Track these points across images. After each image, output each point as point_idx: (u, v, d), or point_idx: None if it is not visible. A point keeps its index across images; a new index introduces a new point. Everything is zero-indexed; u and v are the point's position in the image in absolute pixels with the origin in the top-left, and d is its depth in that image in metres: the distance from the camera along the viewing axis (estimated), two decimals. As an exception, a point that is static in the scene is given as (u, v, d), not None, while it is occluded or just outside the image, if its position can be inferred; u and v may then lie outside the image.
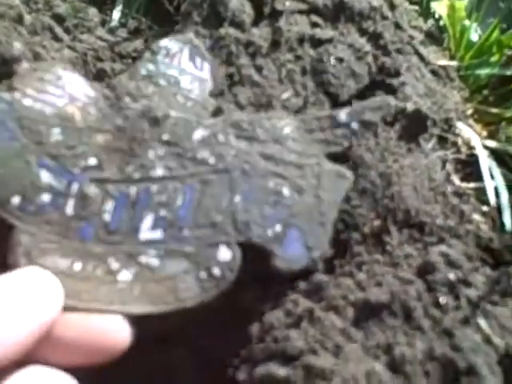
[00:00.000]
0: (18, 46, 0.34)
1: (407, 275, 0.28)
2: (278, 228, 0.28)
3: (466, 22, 0.39)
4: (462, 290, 0.28)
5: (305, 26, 0.33)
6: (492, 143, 0.35)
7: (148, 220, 0.28)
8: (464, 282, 0.28)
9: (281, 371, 0.26)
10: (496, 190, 0.33)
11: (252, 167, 0.29)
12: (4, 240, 0.28)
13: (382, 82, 0.33)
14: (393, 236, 0.29)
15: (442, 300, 0.27)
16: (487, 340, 0.27)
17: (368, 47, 0.33)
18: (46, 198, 0.28)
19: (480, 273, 0.30)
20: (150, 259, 0.28)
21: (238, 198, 0.29)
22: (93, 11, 0.48)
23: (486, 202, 0.33)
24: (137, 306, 0.27)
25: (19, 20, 0.36)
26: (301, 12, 0.33)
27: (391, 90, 0.32)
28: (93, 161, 0.29)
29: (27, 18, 0.36)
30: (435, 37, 0.39)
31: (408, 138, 0.31)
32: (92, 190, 0.29)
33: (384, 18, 0.34)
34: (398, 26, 0.35)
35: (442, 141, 0.34)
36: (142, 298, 0.27)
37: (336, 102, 0.32)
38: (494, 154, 0.35)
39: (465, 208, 0.31)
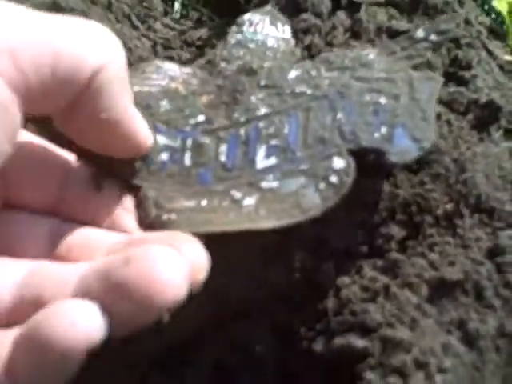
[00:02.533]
0: None
1: (478, 256, 0.29)
2: (384, 130, 0.29)
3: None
4: (530, 272, 0.29)
5: (382, 18, 0.35)
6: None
7: (261, 151, 0.30)
8: (532, 265, 0.30)
9: (359, 342, 0.28)
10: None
11: (347, 88, 0.31)
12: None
13: (454, 73, 0.34)
14: (464, 219, 0.30)
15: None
16: (555, 320, 0.28)
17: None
18: (164, 156, 0.30)
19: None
20: (270, 183, 0.29)
21: (340, 115, 0.30)
22: (156, 0, 0.49)
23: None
24: (265, 222, 0.28)
25: (109, 7, 0.38)
26: (378, 4, 0.35)
27: (463, 82, 0.34)
28: (201, 117, 0.32)
29: (115, 5, 0.38)
30: (498, 33, 0.40)
31: (479, 128, 0.32)
32: (205, 139, 0.31)
33: (455, 12, 0.36)
34: (467, 21, 0.36)
35: (508, 132, 0.35)
36: (268, 216, 0.28)
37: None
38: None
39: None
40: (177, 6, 0.50)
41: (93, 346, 0.22)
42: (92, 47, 0.25)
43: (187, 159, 0.31)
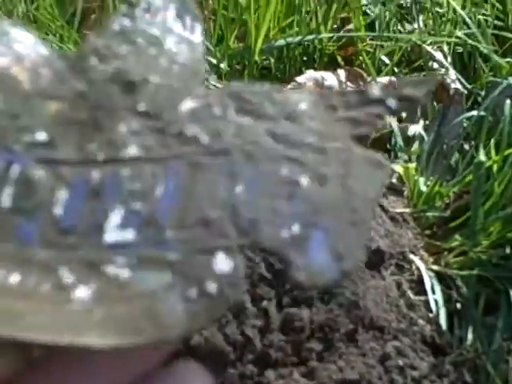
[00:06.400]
0: None
1: (371, 361, 0.42)
2: (297, 228, 0.21)
3: (417, 178, 0.55)
4: (408, 371, 0.42)
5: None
6: (436, 267, 0.50)
7: (116, 215, 0.21)
8: (410, 367, 0.42)
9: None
10: (436, 301, 0.47)
11: (259, 149, 0.22)
12: None
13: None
14: (362, 335, 0.43)
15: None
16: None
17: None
18: None
19: (425, 360, 0.44)
20: (118, 270, 0.20)
21: (240, 188, 0.21)
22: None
23: (432, 310, 0.48)
24: (98, 336, 0.18)
25: None
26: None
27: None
28: (42, 136, 0.22)
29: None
30: (397, 189, 0.55)
31: (371, 268, 0.46)
32: (39, 173, 0.21)
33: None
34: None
35: (399, 267, 0.49)
36: (105, 325, 0.19)
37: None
38: (438, 274, 0.50)
39: (413, 315, 0.45)
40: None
41: None
42: None
43: (6, 197, 0.21)
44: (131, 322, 0.18)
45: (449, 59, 0.65)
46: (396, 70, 0.67)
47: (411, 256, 0.49)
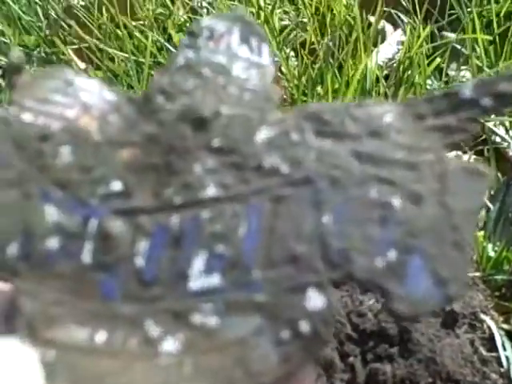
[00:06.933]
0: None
1: (449, 411, 0.47)
2: (392, 255, 0.19)
3: (485, 244, 0.60)
4: (484, 420, 0.47)
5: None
6: (506, 326, 0.55)
7: (199, 261, 0.20)
8: (486, 416, 0.47)
9: None
10: (507, 357, 0.52)
11: (343, 172, 0.21)
12: None
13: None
14: (440, 388, 0.49)
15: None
16: None
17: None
18: (53, 243, 0.21)
19: (499, 411, 0.49)
20: (205, 318, 0.19)
21: (327, 218, 0.20)
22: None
23: (503, 365, 0.52)
24: None
25: None
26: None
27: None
28: (116, 185, 0.22)
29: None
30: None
31: (446, 326, 0.52)
32: (117, 225, 0.21)
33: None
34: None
35: (472, 326, 0.54)
36: (196, 377, 0.18)
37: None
38: (508, 333, 0.55)
39: (486, 370, 0.50)
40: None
41: None
42: None
43: (87, 253, 0.20)
44: (223, 373, 0.18)
45: (510, 133, 0.71)
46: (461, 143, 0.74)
47: (482, 316, 0.54)
